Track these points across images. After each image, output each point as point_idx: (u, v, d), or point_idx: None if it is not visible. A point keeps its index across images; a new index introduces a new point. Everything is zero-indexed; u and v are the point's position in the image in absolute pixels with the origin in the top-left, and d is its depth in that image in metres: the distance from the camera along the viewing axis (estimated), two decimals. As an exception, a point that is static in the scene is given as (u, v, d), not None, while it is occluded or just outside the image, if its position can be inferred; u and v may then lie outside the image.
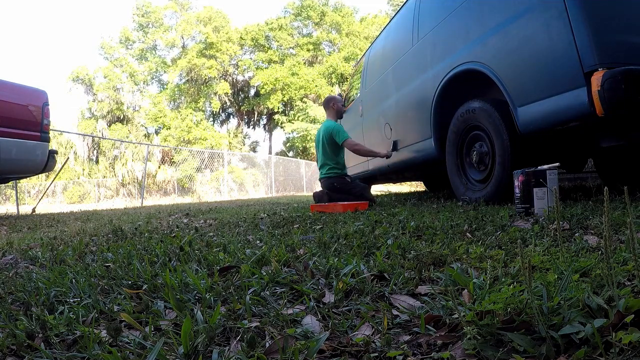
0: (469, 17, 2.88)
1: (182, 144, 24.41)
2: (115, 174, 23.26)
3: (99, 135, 24.32)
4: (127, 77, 28.90)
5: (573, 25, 2.02)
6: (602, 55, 1.94)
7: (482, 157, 2.90)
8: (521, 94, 2.42)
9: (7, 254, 1.92)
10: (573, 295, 0.73)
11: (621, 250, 1.05)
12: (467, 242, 1.46)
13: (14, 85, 4.78)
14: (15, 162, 4.65)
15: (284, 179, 19.14)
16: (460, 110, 3.04)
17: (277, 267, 1.19)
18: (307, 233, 2.04)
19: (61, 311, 0.94)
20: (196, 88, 27.95)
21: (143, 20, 29.22)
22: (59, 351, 0.75)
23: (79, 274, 1.30)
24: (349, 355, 0.68)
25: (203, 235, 2.16)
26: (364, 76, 5.28)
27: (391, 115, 4.24)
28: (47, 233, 2.95)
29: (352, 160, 5.54)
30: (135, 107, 28.94)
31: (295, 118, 25.80)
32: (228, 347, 0.73)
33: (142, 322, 0.87)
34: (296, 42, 28.78)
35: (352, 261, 1.20)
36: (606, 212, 0.75)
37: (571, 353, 0.60)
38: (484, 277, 0.97)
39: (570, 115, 2.12)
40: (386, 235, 1.73)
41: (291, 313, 0.86)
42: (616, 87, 1.86)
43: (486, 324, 0.68)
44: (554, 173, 2.05)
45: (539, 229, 1.56)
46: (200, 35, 27.80)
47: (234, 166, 20.72)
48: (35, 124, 4.82)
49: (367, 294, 0.97)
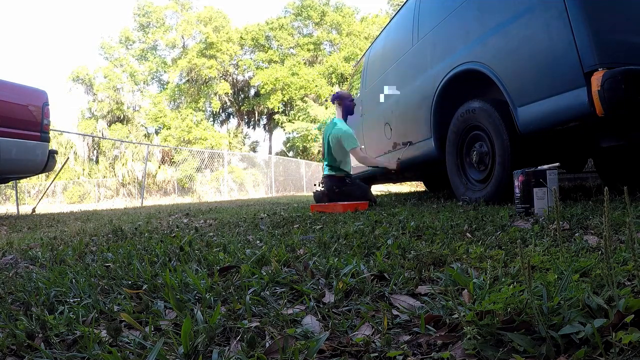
0: (469, 17, 2.88)
1: (182, 144, 24.42)
2: (115, 174, 23.26)
3: (99, 135, 24.33)
4: (127, 77, 28.91)
5: (573, 25, 2.02)
6: (602, 55, 1.94)
7: (482, 157, 2.90)
8: (521, 94, 2.42)
9: (7, 254, 1.92)
10: (573, 295, 0.73)
11: (621, 250, 1.05)
12: (467, 242, 1.46)
13: (14, 85, 4.78)
14: (15, 162, 4.65)
15: (284, 179, 19.14)
16: (460, 110, 3.04)
17: (277, 267, 1.19)
18: (307, 233, 2.04)
19: (61, 311, 0.94)
20: (196, 88, 27.95)
21: (144, 20, 29.23)
22: (59, 351, 0.75)
23: (79, 274, 1.30)
24: (349, 355, 0.68)
25: (203, 235, 2.16)
26: (364, 76, 5.28)
27: (391, 115, 4.24)
28: (47, 233, 2.95)
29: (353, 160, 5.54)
30: (135, 107, 28.96)
31: (296, 118, 25.81)
32: (228, 347, 0.73)
33: (142, 322, 0.87)
34: (296, 42, 28.79)
35: (352, 261, 1.20)
36: (606, 212, 0.75)
37: (571, 353, 0.60)
38: (484, 277, 0.97)
39: (570, 115, 2.12)
40: (386, 235, 1.73)
41: (291, 313, 0.86)
42: (616, 87, 1.86)
43: (486, 324, 0.68)
44: (554, 173, 2.05)
45: (539, 229, 1.56)
46: (201, 35, 27.81)
47: (234, 166, 20.73)
48: (35, 124, 4.82)
49: (367, 294, 0.97)
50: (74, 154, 23.87)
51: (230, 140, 27.87)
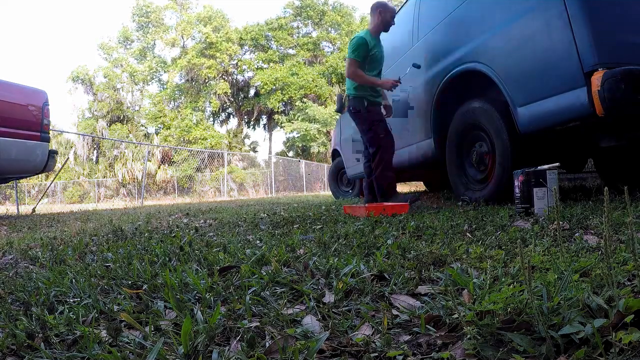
0: (469, 17, 2.88)
1: (182, 144, 24.41)
2: (115, 174, 23.25)
3: (99, 135, 24.31)
4: (127, 77, 28.90)
5: (573, 25, 2.02)
6: (602, 55, 1.94)
7: (482, 157, 2.90)
8: (521, 94, 2.42)
9: (7, 254, 1.92)
10: (573, 295, 0.73)
11: (621, 250, 1.05)
12: (467, 242, 1.46)
13: (13, 85, 4.78)
14: (15, 162, 4.65)
15: (284, 179, 19.15)
16: (460, 110, 3.04)
17: (277, 267, 1.19)
18: (307, 233, 2.04)
19: (61, 311, 0.94)
20: (196, 88, 27.95)
21: (143, 20, 29.23)
22: (59, 351, 0.75)
23: (79, 274, 1.30)
24: (349, 355, 0.68)
25: (203, 235, 2.16)
26: (364, 76, 5.27)
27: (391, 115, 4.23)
28: (47, 233, 2.94)
29: (351, 160, 5.54)
30: (135, 107, 28.95)
31: (295, 118, 25.80)
32: (228, 347, 0.73)
33: (142, 322, 0.87)
34: (296, 42, 28.79)
35: (352, 261, 1.20)
36: (606, 212, 0.75)
37: (571, 353, 0.60)
38: (484, 277, 0.97)
39: (570, 115, 2.13)
40: (386, 235, 1.73)
41: (291, 313, 0.86)
42: (616, 87, 1.86)
43: (486, 324, 0.68)
44: (554, 173, 2.05)
45: (539, 229, 1.56)
46: (200, 35, 27.79)
47: (233, 166, 20.74)
48: (35, 124, 4.82)
49: (367, 294, 0.97)
50: (74, 154, 23.86)
51: (230, 140, 27.86)
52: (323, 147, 25.37)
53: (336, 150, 6.40)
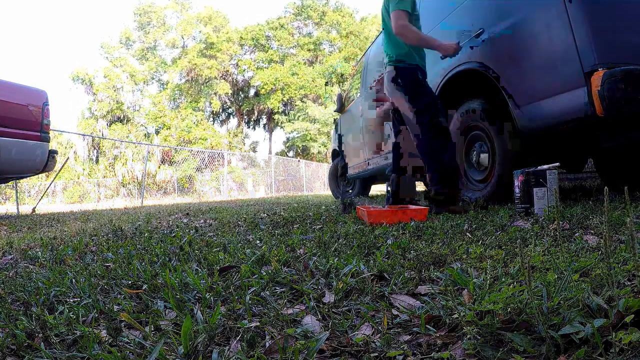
0: (469, 17, 2.88)
1: (182, 144, 24.42)
2: (115, 174, 23.23)
3: (99, 135, 24.30)
4: (127, 77, 28.90)
5: (573, 25, 2.02)
6: (602, 55, 1.94)
7: (482, 157, 2.90)
8: (521, 94, 2.42)
9: (7, 254, 1.92)
10: (573, 295, 0.73)
11: (621, 250, 1.05)
12: (467, 242, 1.46)
13: (13, 85, 4.78)
14: (15, 162, 4.64)
15: (284, 179, 19.15)
16: (460, 110, 3.04)
17: (277, 267, 1.19)
18: (307, 233, 2.04)
19: (61, 311, 0.94)
20: (196, 88, 27.97)
21: (143, 20, 29.24)
22: (59, 351, 0.75)
23: (79, 274, 1.30)
24: (349, 355, 0.68)
25: (203, 235, 2.16)
26: (363, 76, 5.28)
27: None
28: (47, 233, 2.94)
29: (352, 160, 5.54)
30: (135, 107, 28.95)
31: (295, 118, 25.81)
32: (228, 347, 0.73)
33: (142, 322, 0.87)
34: (296, 41, 28.80)
35: (352, 261, 1.20)
36: (606, 212, 0.75)
37: (571, 353, 0.60)
38: (484, 277, 0.97)
39: (570, 115, 2.13)
40: (386, 235, 1.73)
41: (291, 313, 0.86)
42: (616, 87, 1.87)
43: (486, 324, 0.68)
44: (554, 173, 2.05)
45: (539, 229, 1.56)
46: (201, 35, 27.82)
47: (234, 166, 20.74)
48: (35, 123, 4.82)
49: (367, 293, 0.97)
50: (74, 154, 23.85)
51: (230, 140, 27.87)
52: (323, 147, 25.39)
53: (336, 150, 6.40)
